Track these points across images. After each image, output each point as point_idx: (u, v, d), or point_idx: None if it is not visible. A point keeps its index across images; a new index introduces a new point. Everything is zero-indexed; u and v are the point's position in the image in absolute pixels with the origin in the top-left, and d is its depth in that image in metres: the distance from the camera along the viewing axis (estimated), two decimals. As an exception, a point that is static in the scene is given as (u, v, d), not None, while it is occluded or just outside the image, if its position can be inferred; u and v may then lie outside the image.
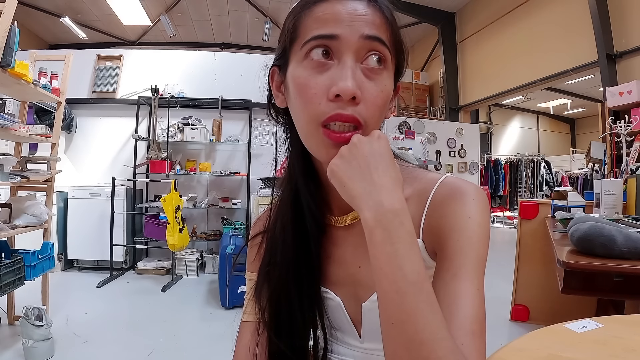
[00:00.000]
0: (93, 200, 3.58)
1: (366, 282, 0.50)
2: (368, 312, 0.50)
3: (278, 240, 0.53)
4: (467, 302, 0.38)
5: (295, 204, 0.52)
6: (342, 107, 0.41)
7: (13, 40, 1.74)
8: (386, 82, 0.44)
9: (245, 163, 3.98)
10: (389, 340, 0.35)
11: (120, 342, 2.15)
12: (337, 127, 0.42)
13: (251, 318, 0.55)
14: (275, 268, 0.52)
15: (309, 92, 0.43)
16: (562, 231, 1.51)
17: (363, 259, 0.50)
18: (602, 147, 3.63)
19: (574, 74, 4.92)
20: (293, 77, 0.45)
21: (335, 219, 0.53)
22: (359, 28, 0.42)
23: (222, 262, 2.73)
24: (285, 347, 0.51)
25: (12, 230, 1.95)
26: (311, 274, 0.51)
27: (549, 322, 0.74)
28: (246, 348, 0.54)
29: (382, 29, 0.44)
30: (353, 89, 0.40)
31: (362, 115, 0.42)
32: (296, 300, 0.51)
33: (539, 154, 6.85)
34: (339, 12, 0.43)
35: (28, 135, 2.06)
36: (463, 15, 7.32)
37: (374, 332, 0.50)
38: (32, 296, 2.14)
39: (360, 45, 0.42)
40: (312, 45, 0.43)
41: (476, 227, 0.42)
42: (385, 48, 0.44)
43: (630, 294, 1.11)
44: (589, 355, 0.61)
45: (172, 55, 4.46)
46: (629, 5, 4.15)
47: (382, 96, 0.44)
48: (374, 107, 0.43)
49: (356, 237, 0.51)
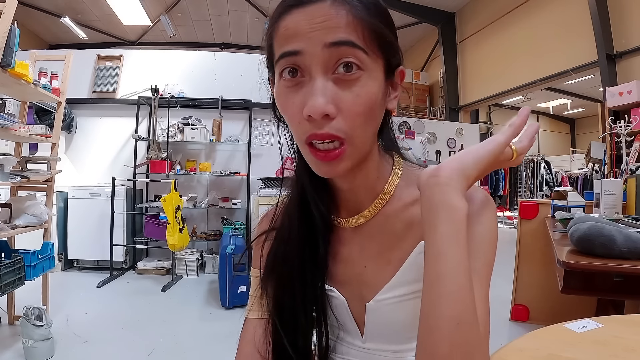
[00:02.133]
0: (93, 200, 3.58)
1: (371, 282, 0.50)
2: (372, 312, 0.50)
3: (285, 238, 0.53)
4: (478, 306, 0.38)
5: (303, 203, 0.52)
6: (317, 126, 0.40)
7: (13, 40, 1.74)
8: (365, 85, 0.41)
9: (245, 163, 3.98)
10: (444, 342, 0.33)
11: (120, 342, 2.15)
12: (321, 146, 0.42)
13: (256, 315, 0.55)
14: (281, 265, 0.52)
15: (287, 113, 0.44)
16: (562, 231, 1.51)
17: (369, 259, 0.51)
18: (602, 147, 3.63)
19: (574, 74, 4.92)
20: (275, 94, 0.45)
21: (342, 221, 0.53)
22: (321, 37, 0.39)
23: (222, 262, 2.73)
24: (289, 345, 0.51)
25: (12, 230, 1.95)
26: (317, 272, 0.51)
27: (549, 322, 0.74)
28: (250, 344, 0.54)
29: (350, 28, 0.40)
30: (321, 108, 0.39)
31: (341, 129, 0.41)
32: (300, 298, 0.51)
33: (539, 154, 6.84)
34: (299, 24, 0.40)
35: (28, 135, 2.06)
36: (463, 15, 7.31)
37: (377, 332, 0.50)
38: (32, 296, 2.14)
39: (325, 55, 0.40)
40: (282, 65, 0.42)
41: (486, 234, 0.43)
42: (356, 49, 0.40)
43: (630, 294, 1.11)
44: (589, 355, 0.61)
45: (172, 55, 4.46)
46: (629, 5, 4.15)
47: (360, 102, 0.41)
48: (352, 116, 0.41)
49: (363, 238, 0.51)
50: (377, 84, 0.43)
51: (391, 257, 0.49)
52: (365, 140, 0.44)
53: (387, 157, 0.53)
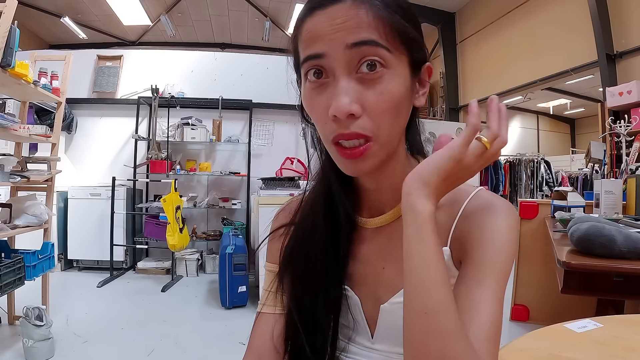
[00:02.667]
0: (93, 200, 3.58)
1: (388, 283, 0.50)
2: (386, 314, 0.50)
3: (308, 234, 0.53)
4: (487, 309, 0.39)
5: (328, 200, 0.52)
6: (343, 126, 0.42)
7: (13, 41, 1.74)
8: (389, 83, 0.42)
9: (245, 163, 3.98)
10: (416, 331, 0.36)
11: (120, 342, 2.15)
12: (347, 144, 0.43)
13: (269, 310, 0.55)
14: (302, 261, 0.52)
15: (314, 113, 0.45)
16: (562, 231, 1.51)
17: (388, 261, 0.51)
18: (602, 147, 3.63)
19: (574, 74, 4.92)
20: (302, 96, 0.47)
21: (363, 220, 0.53)
22: (342, 38, 0.40)
23: (222, 262, 2.73)
24: (307, 343, 0.50)
25: (12, 230, 1.95)
26: (336, 271, 0.51)
27: (549, 322, 0.74)
28: (262, 339, 0.53)
29: (372, 26, 0.40)
30: (346, 108, 0.40)
31: (367, 128, 0.42)
32: (323, 297, 0.51)
33: (539, 154, 6.83)
34: (320, 26, 0.41)
35: (28, 135, 2.06)
36: (463, 15, 7.31)
37: (387, 334, 0.50)
38: (32, 296, 2.14)
39: (348, 56, 0.41)
40: (306, 67, 0.43)
41: (505, 242, 0.44)
42: (379, 48, 0.41)
43: (630, 294, 1.11)
44: (589, 355, 0.61)
45: (172, 55, 4.46)
46: (629, 5, 4.15)
47: (384, 100, 0.41)
48: (378, 115, 0.42)
49: (383, 239, 0.51)
50: (401, 81, 0.43)
51: None
52: (392, 137, 0.45)
53: (412, 160, 0.53)
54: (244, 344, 0.55)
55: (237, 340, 2.18)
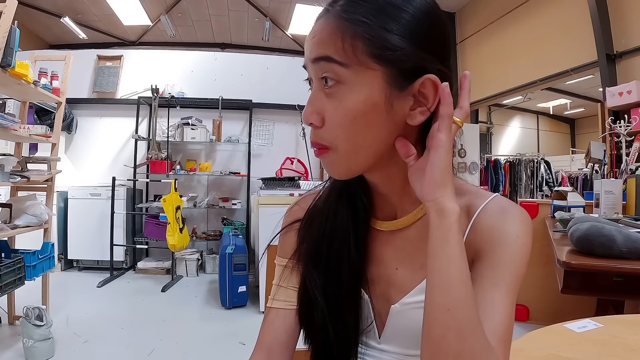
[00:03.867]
0: (93, 200, 3.58)
1: (400, 284, 0.50)
2: (395, 315, 0.50)
3: (322, 231, 0.53)
4: (501, 311, 0.40)
5: (345, 199, 0.53)
6: (311, 133, 0.46)
7: (13, 41, 1.74)
8: (344, 99, 0.41)
9: (245, 163, 3.98)
10: (437, 326, 0.37)
11: (120, 342, 2.16)
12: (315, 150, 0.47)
13: (280, 305, 0.55)
14: (315, 257, 0.52)
15: None
16: (562, 231, 1.51)
17: (401, 262, 0.51)
18: (602, 147, 3.62)
19: (574, 74, 4.91)
20: None
21: (378, 222, 0.53)
22: (310, 53, 0.43)
23: (222, 262, 2.73)
24: (333, 332, 0.50)
25: (12, 230, 1.95)
26: (351, 270, 0.51)
27: (549, 322, 0.74)
28: (272, 334, 0.53)
29: (330, 41, 0.40)
30: (305, 117, 0.44)
31: (324, 138, 0.44)
32: (336, 293, 0.51)
33: (539, 154, 6.83)
34: (307, 40, 0.44)
35: (28, 135, 2.06)
36: (463, 15, 7.31)
37: (395, 335, 0.51)
38: (32, 296, 2.14)
39: (314, 69, 0.43)
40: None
41: (521, 246, 0.45)
42: (332, 63, 0.40)
43: (630, 294, 1.11)
44: (589, 355, 0.61)
45: (172, 55, 4.46)
46: (629, 5, 4.15)
47: (338, 114, 0.42)
48: (334, 127, 0.43)
49: (398, 240, 0.52)
50: (361, 96, 0.41)
51: (425, 262, 0.49)
52: (355, 150, 0.43)
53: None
54: (244, 344, 0.55)
55: (237, 340, 2.18)
